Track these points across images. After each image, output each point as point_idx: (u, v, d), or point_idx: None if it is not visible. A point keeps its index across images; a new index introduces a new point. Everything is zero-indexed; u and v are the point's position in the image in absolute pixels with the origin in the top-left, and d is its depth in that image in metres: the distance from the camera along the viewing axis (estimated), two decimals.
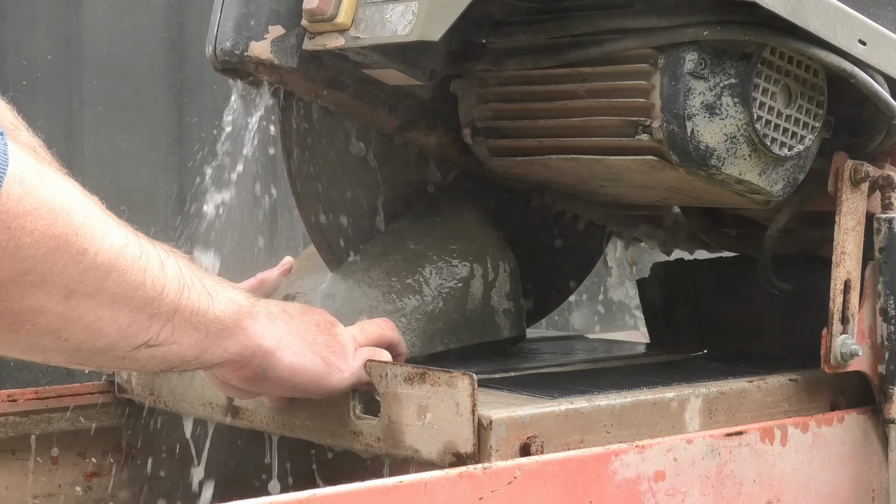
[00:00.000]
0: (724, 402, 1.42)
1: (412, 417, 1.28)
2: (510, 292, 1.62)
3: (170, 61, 2.73)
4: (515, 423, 1.26)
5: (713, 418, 1.41)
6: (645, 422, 1.36)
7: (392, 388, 1.30)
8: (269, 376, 1.29)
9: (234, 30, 1.46)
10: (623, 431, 1.34)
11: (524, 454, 1.26)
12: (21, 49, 2.63)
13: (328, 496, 1.12)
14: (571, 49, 1.47)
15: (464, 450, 1.24)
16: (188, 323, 1.19)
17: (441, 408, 1.25)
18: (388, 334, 1.41)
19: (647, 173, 1.47)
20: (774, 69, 1.42)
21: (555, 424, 1.29)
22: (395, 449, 1.30)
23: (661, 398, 1.38)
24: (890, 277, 1.49)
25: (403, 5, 1.38)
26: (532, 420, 1.28)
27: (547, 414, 1.29)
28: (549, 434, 1.28)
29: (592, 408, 1.33)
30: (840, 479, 1.47)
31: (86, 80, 2.66)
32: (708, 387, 1.42)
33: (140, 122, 2.71)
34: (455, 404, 1.24)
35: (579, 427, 1.31)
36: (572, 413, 1.31)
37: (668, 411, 1.38)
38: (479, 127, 1.58)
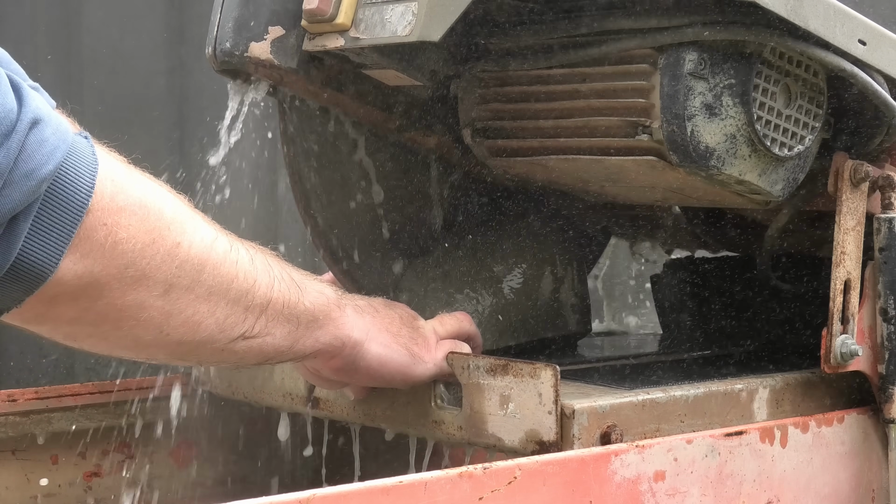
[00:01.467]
0: (791, 393, 1.47)
1: (494, 407, 1.32)
2: (577, 288, 1.67)
3: (170, 61, 2.73)
4: (596, 413, 1.30)
5: (780, 408, 1.46)
6: (717, 411, 1.40)
7: (474, 378, 1.35)
8: (359, 366, 1.34)
9: (233, 30, 1.46)
10: (696, 420, 1.38)
11: (604, 443, 1.30)
12: (21, 49, 2.63)
13: (328, 496, 1.12)
14: (571, 49, 1.47)
15: (547, 438, 1.28)
16: (280, 315, 1.24)
17: (524, 398, 1.30)
18: (467, 327, 1.46)
19: (647, 174, 1.48)
20: (774, 69, 1.42)
21: (633, 414, 1.33)
22: (478, 437, 1.34)
23: (732, 389, 1.43)
24: (890, 277, 1.49)
25: (403, 6, 1.38)
26: (612, 410, 1.32)
27: (625, 404, 1.33)
28: (628, 423, 1.33)
29: (668, 398, 1.37)
30: (840, 479, 1.47)
31: (86, 80, 2.66)
32: (774, 378, 1.47)
33: (140, 122, 2.70)
34: (538, 394, 1.29)
35: (655, 416, 1.35)
36: (649, 403, 1.35)
37: (738, 401, 1.43)
38: (479, 127, 1.59)
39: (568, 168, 1.54)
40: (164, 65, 2.72)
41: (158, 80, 2.72)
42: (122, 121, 2.69)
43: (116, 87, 2.69)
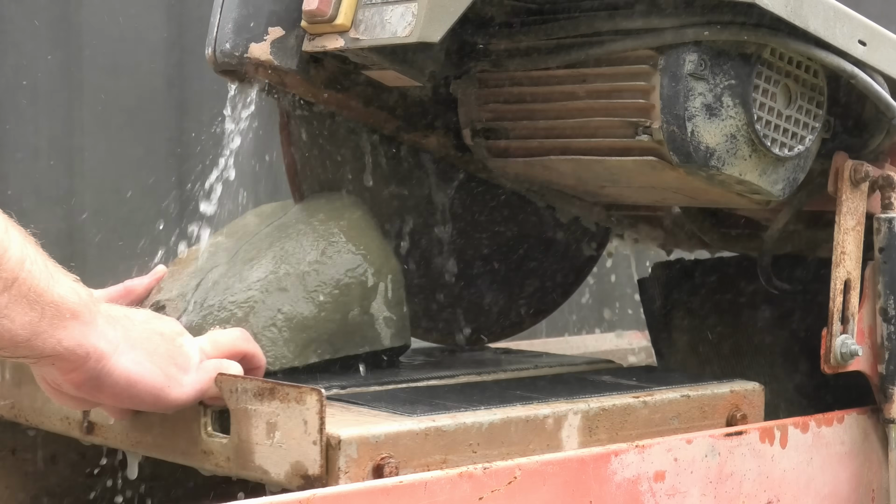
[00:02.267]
0: (607, 420, 1.35)
1: (261, 436, 1.20)
2: (392, 300, 1.51)
3: (170, 61, 2.73)
4: (367, 443, 1.18)
5: (594, 436, 1.34)
6: (517, 440, 1.28)
7: (242, 403, 1.22)
8: (103, 384, 1.20)
9: (233, 31, 1.46)
10: (492, 451, 1.27)
11: (377, 476, 1.19)
12: (21, 49, 2.63)
13: (328, 496, 1.12)
14: (571, 50, 1.47)
15: (311, 471, 1.16)
16: (24, 298, 1.11)
17: (290, 425, 1.17)
18: (242, 345, 1.32)
19: (648, 174, 1.48)
20: (774, 70, 1.43)
21: (413, 444, 1.21)
22: (245, 470, 1.22)
23: (535, 415, 1.30)
24: (890, 277, 1.49)
25: (403, 7, 1.38)
26: (387, 439, 1.20)
27: (404, 433, 1.21)
28: (407, 454, 1.21)
29: (457, 426, 1.25)
30: (840, 479, 1.47)
31: (86, 80, 2.67)
32: (588, 402, 1.35)
33: (140, 122, 2.71)
34: (303, 422, 1.16)
35: (441, 447, 1.23)
36: (433, 431, 1.23)
37: (543, 429, 1.30)
38: (479, 128, 1.59)
39: (568, 168, 1.54)
40: (164, 65, 2.72)
41: (158, 80, 2.72)
42: (122, 121, 2.69)
43: (116, 87, 2.69)
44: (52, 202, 2.72)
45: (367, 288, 1.48)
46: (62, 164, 2.69)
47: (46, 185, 2.66)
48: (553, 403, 1.34)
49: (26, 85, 2.64)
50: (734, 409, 1.44)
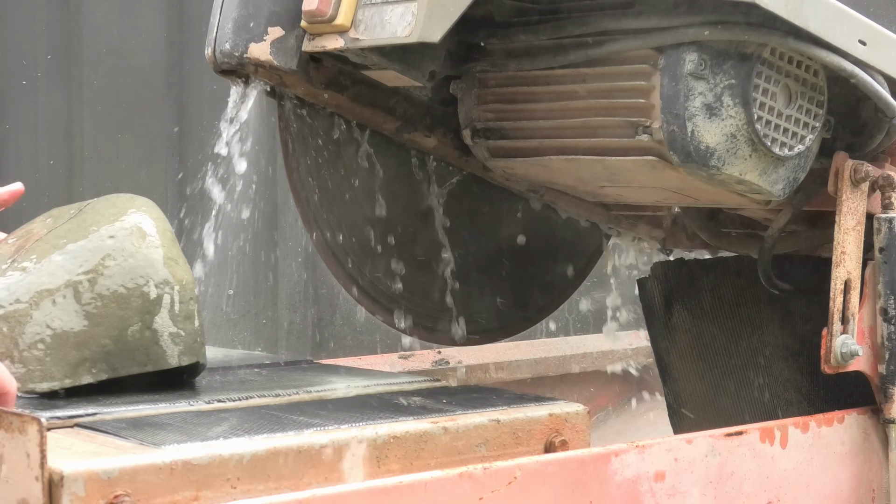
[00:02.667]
0: (399, 448, 1.23)
1: None
2: (179, 313, 1.38)
3: (170, 61, 2.73)
4: (97, 480, 1.06)
5: (383, 466, 1.22)
6: (288, 473, 1.16)
7: None
8: None
9: (233, 31, 1.46)
10: (256, 486, 1.14)
11: None
12: (21, 49, 2.63)
13: (328, 496, 1.12)
14: (571, 50, 1.47)
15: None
16: None
17: (14, 458, 1.06)
18: None
19: (648, 174, 1.48)
20: (774, 69, 1.42)
21: (157, 479, 1.09)
22: None
23: (311, 445, 1.18)
24: (890, 277, 1.49)
25: (403, 7, 1.38)
26: (123, 475, 1.07)
27: (145, 467, 1.09)
28: (149, 491, 1.08)
29: (210, 458, 1.12)
30: (840, 478, 1.47)
31: (86, 80, 2.66)
32: (377, 429, 1.23)
33: (140, 122, 2.70)
34: (26, 455, 1.05)
35: (192, 482, 1.11)
36: (181, 466, 1.10)
37: (320, 460, 1.18)
38: (479, 128, 1.58)
39: (568, 168, 1.54)
40: (164, 65, 2.72)
41: (158, 80, 2.72)
42: (122, 121, 2.69)
43: (116, 87, 2.69)
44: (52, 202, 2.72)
45: (148, 301, 1.36)
46: (62, 164, 2.69)
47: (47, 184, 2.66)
48: (334, 431, 1.21)
49: (26, 85, 2.64)
50: (553, 434, 1.33)
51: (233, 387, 1.43)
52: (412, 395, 1.41)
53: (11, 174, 2.64)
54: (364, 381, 1.49)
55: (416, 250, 1.68)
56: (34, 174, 2.67)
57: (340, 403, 1.37)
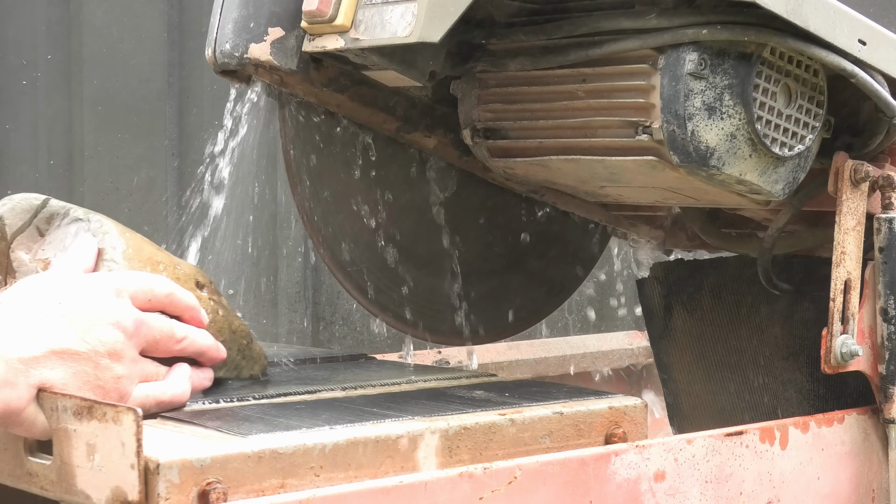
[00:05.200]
0: (469, 439, 1.26)
1: (82, 458, 1.12)
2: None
3: (170, 61, 2.73)
4: (191, 468, 1.10)
5: (454, 457, 1.25)
6: (367, 462, 1.20)
7: (63, 423, 1.14)
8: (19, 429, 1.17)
9: (233, 32, 1.46)
10: (337, 474, 1.18)
11: (202, 502, 1.10)
12: (21, 49, 2.63)
13: (328, 496, 1.12)
14: (571, 50, 1.47)
15: (131, 497, 1.08)
16: None
17: (108, 447, 1.09)
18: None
19: (648, 174, 1.48)
20: (774, 69, 1.42)
21: (245, 468, 1.13)
22: (68, 494, 1.14)
23: (388, 435, 1.22)
24: (890, 277, 1.49)
25: (403, 7, 1.38)
26: (214, 463, 1.11)
27: (234, 456, 1.13)
28: (238, 479, 1.12)
29: (295, 448, 1.16)
30: (840, 479, 1.47)
31: (86, 80, 2.66)
32: (449, 421, 1.26)
33: (140, 122, 2.71)
34: (121, 444, 1.08)
35: (278, 470, 1.15)
36: (268, 454, 1.15)
37: (397, 450, 1.22)
38: (479, 128, 1.58)
39: (568, 168, 1.54)
40: (164, 65, 2.72)
41: (158, 79, 2.72)
42: (122, 121, 2.69)
43: (116, 87, 2.69)
44: None
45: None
46: (62, 164, 2.68)
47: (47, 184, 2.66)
48: (409, 422, 1.25)
49: (26, 85, 2.64)
50: (613, 427, 1.36)
51: (299, 381, 1.47)
52: (474, 389, 1.45)
53: (11, 174, 2.65)
54: (424, 376, 1.53)
55: (419, 251, 1.68)
56: (34, 174, 2.67)
57: (408, 396, 1.41)
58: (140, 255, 1.35)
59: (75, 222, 1.38)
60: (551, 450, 1.31)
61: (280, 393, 1.39)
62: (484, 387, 1.47)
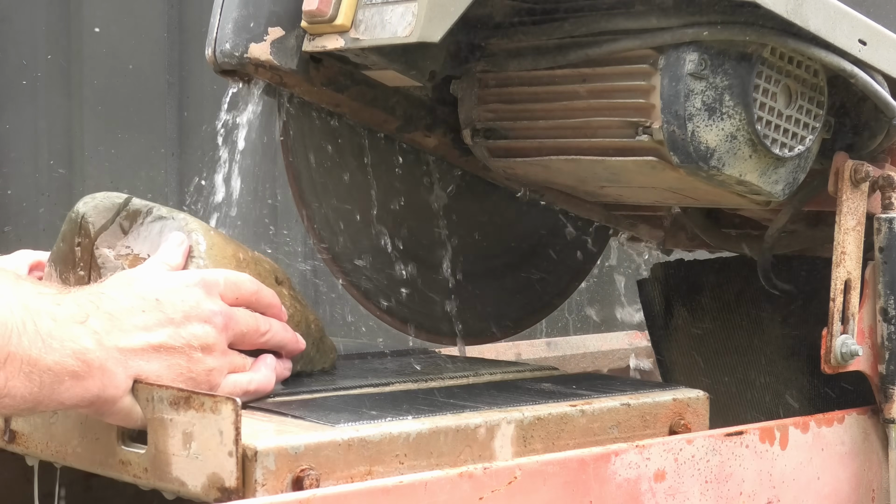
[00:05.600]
0: (542, 429, 1.31)
1: (178, 447, 1.16)
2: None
3: (170, 61, 2.73)
4: (286, 455, 1.14)
5: (528, 446, 1.30)
6: (447, 451, 1.24)
7: (158, 413, 1.18)
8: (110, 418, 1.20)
9: (233, 31, 1.46)
10: (420, 462, 1.23)
11: (296, 488, 1.14)
12: (21, 49, 2.63)
13: (328, 496, 1.12)
14: (571, 50, 1.47)
15: (228, 484, 1.12)
16: (20, 372, 1.12)
17: (206, 436, 1.14)
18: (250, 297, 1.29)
19: (648, 174, 1.48)
20: (774, 69, 1.42)
21: (336, 455, 1.17)
22: (162, 481, 1.18)
23: (466, 425, 1.26)
24: (890, 277, 1.49)
25: (403, 6, 1.38)
26: (307, 451, 1.15)
27: (326, 444, 1.17)
28: (330, 466, 1.17)
29: (382, 436, 1.21)
30: (840, 479, 1.47)
31: (86, 80, 2.66)
32: (523, 411, 1.31)
33: (140, 122, 2.71)
34: (219, 432, 1.12)
35: (366, 458, 1.19)
36: (357, 442, 1.19)
37: (475, 439, 1.26)
38: (479, 128, 1.59)
39: (568, 168, 1.54)
40: (164, 65, 2.72)
41: (158, 79, 2.72)
42: (122, 121, 2.69)
43: (116, 87, 2.69)
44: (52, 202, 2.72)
45: None
46: (62, 164, 2.69)
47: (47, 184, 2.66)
48: (485, 412, 1.29)
49: (26, 85, 2.64)
50: (677, 418, 1.40)
51: (370, 373, 1.52)
52: (541, 382, 1.50)
53: (11, 174, 2.65)
54: (489, 369, 1.58)
55: (418, 250, 1.69)
56: (34, 174, 2.67)
57: (479, 388, 1.46)
58: (224, 252, 1.38)
59: (158, 220, 1.41)
60: (619, 440, 1.35)
61: (356, 385, 1.43)
62: (550, 379, 1.52)
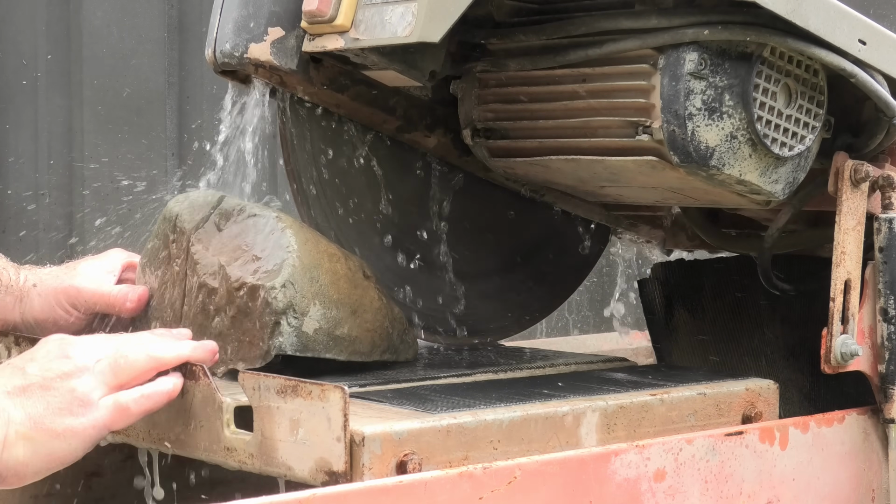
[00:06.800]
0: (625, 417, 1.36)
1: (285, 433, 1.22)
2: None
3: (170, 61, 2.73)
4: (391, 440, 1.19)
5: (612, 433, 1.35)
6: (537, 437, 1.29)
7: (265, 401, 1.23)
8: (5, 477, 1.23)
9: (233, 32, 1.46)
10: (512, 448, 1.27)
11: (400, 472, 1.19)
12: (21, 49, 2.63)
13: (328, 496, 1.12)
14: (571, 50, 1.47)
15: (336, 467, 1.17)
16: None
17: (313, 422, 1.19)
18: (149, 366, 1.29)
19: (648, 174, 1.48)
20: (774, 69, 1.42)
21: (435, 441, 1.22)
22: (269, 466, 1.23)
23: (555, 412, 1.31)
24: (890, 277, 1.49)
25: (403, 7, 1.38)
26: (410, 436, 1.21)
27: (427, 429, 1.22)
28: (430, 451, 1.22)
29: (477, 423, 1.26)
30: (840, 479, 1.47)
31: (86, 80, 2.66)
32: (606, 400, 1.36)
33: (140, 122, 2.71)
34: (327, 419, 1.18)
35: (463, 443, 1.24)
36: (455, 428, 1.24)
37: (562, 426, 1.31)
38: (479, 128, 1.59)
39: (568, 168, 1.54)
40: (164, 65, 2.72)
41: (158, 79, 2.72)
42: (122, 121, 2.69)
43: (116, 87, 2.69)
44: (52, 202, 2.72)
45: None
46: (62, 164, 2.69)
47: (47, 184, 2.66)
48: (572, 401, 1.35)
49: (26, 85, 2.64)
50: (749, 407, 1.45)
51: (452, 365, 1.58)
52: (617, 372, 1.56)
53: (11, 174, 2.65)
54: (565, 360, 1.63)
55: (418, 249, 1.68)
56: (34, 174, 2.67)
57: (559, 378, 1.51)
58: (317, 247, 1.44)
59: (252, 217, 1.46)
60: (695, 428, 1.40)
61: (441, 375, 1.48)
62: (624, 370, 1.58)
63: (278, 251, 1.41)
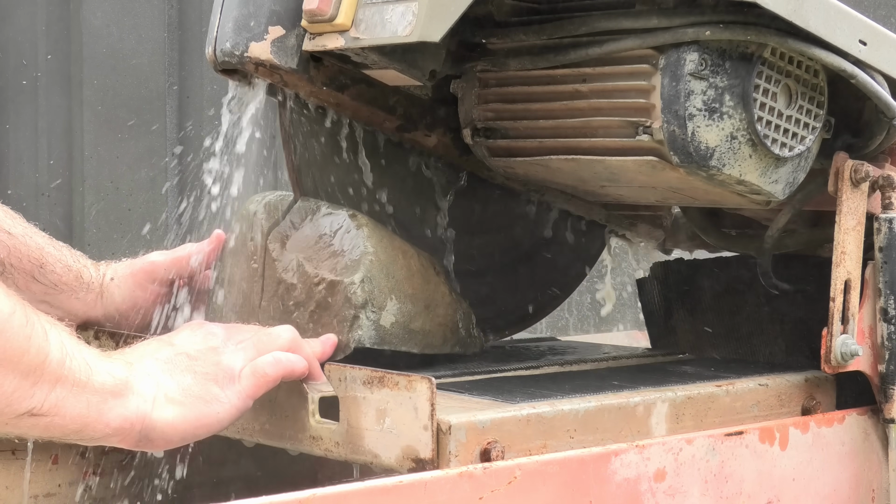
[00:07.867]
0: (692, 407, 1.40)
1: (371, 422, 1.26)
2: None
3: (170, 61, 2.74)
4: (475, 429, 1.24)
5: (680, 423, 1.39)
6: (610, 426, 1.34)
7: (351, 391, 1.28)
8: (152, 438, 1.27)
9: (233, 30, 1.46)
10: (587, 437, 1.31)
11: (484, 460, 1.23)
12: (21, 49, 2.63)
13: (328, 496, 1.12)
14: (572, 49, 1.47)
15: (423, 455, 1.21)
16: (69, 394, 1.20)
17: (400, 412, 1.23)
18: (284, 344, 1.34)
19: (648, 174, 1.48)
20: (775, 69, 1.42)
21: (516, 429, 1.27)
22: (355, 454, 1.28)
23: (627, 403, 1.36)
24: (890, 277, 1.49)
25: (403, 6, 1.38)
26: (493, 425, 1.25)
27: (508, 419, 1.27)
28: (511, 439, 1.26)
29: (555, 412, 1.30)
30: (840, 479, 1.47)
31: (86, 80, 2.67)
32: (675, 391, 1.40)
33: (140, 122, 2.71)
34: (414, 409, 1.22)
35: (541, 432, 1.28)
36: (534, 418, 1.28)
37: (634, 416, 1.36)
38: (479, 127, 1.59)
39: (568, 168, 1.54)
40: (164, 65, 2.72)
41: (158, 79, 2.73)
42: (122, 121, 2.69)
43: (116, 87, 2.69)
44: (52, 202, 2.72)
45: None
46: (62, 164, 2.69)
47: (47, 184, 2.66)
48: (643, 391, 1.39)
49: (26, 85, 2.64)
50: (808, 398, 1.49)
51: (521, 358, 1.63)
52: (680, 364, 1.62)
53: (11, 174, 2.65)
54: (624, 353, 1.70)
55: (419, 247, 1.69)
56: (34, 174, 2.68)
57: (629, 371, 1.57)
58: (392, 244, 1.48)
59: (327, 216, 1.50)
60: (758, 418, 1.44)
61: (512, 367, 1.54)
62: (685, 362, 1.64)
63: (356, 248, 1.46)
